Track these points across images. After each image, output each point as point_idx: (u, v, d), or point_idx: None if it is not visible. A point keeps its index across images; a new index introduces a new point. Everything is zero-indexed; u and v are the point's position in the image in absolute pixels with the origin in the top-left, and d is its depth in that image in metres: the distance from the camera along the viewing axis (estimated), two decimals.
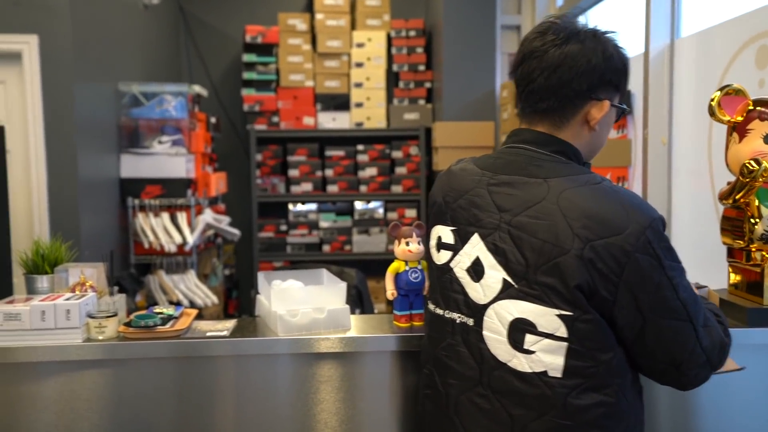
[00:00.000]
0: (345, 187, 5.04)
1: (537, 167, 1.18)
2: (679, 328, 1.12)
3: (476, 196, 1.21)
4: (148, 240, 3.58)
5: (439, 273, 1.26)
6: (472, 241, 1.19)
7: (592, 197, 1.11)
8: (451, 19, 4.50)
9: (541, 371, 1.11)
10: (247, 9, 5.28)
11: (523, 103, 1.24)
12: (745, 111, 1.49)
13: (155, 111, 3.73)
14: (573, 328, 1.09)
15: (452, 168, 1.33)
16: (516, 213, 1.14)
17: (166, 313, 1.50)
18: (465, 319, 1.19)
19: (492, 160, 1.25)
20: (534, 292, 1.10)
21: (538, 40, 1.20)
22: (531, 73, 1.20)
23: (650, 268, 1.09)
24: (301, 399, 1.47)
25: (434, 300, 1.28)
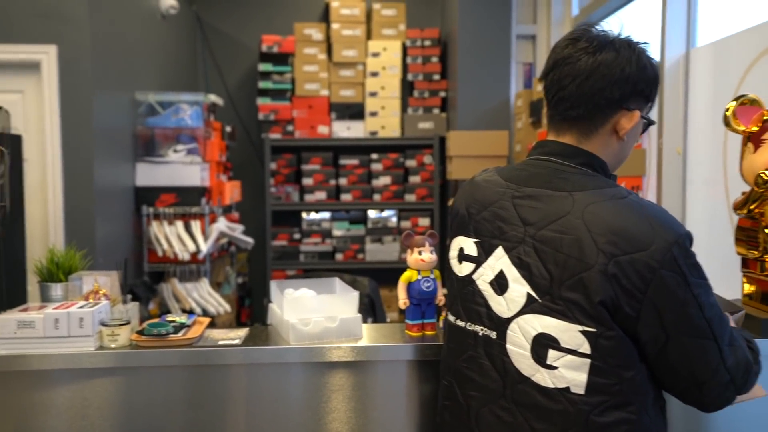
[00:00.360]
0: (358, 195, 5.04)
1: (562, 180, 1.17)
2: (704, 346, 1.10)
3: (501, 209, 1.20)
4: (162, 248, 3.61)
5: (461, 285, 1.24)
6: (497, 254, 1.18)
7: (618, 212, 1.10)
8: (466, 29, 4.51)
9: (563, 387, 1.10)
10: (263, 18, 5.33)
11: (552, 111, 1.23)
12: (761, 121, 1.48)
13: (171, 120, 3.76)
14: (596, 345, 1.08)
15: (476, 179, 1.32)
16: (541, 227, 1.13)
17: (178, 321, 1.51)
18: (488, 332, 1.18)
19: (517, 171, 1.24)
20: (557, 307, 1.09)
21: (570, 48, 1.19)
22: (562, 80, 1.19)
23: (675, 285, 1.07)
24: (312, 408, 1.47)
25: (455, 311, 1.26)
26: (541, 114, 3.76)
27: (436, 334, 1.51)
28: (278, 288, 1.60)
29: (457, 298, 1.25)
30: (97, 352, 1.42)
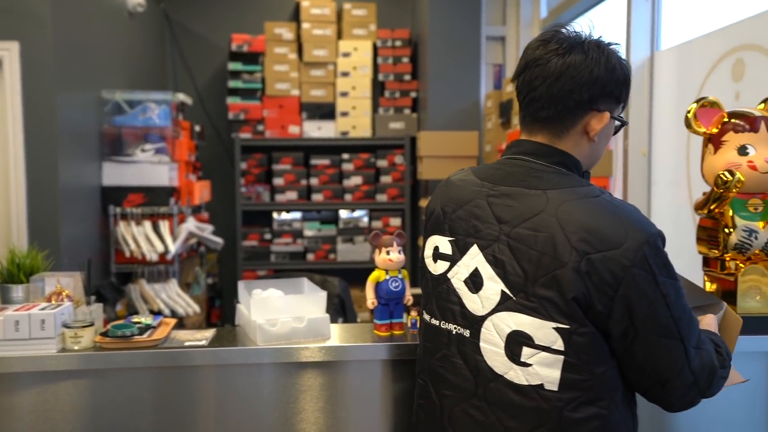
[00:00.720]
0: (330, 195, 5.04)
1: (536, 178, 1.17)
2: (669, 345, 1.11)
3: (476, 207, 1.20)
4: (130, 249, 3.56)
5: (435, 283, 1.25)
6: (471, 252, 1.18)
7: (591, 210, 1.11)
8: (436, 30, 4.53)
9: (537, 384, 1.11)
10: (233, 18, 5.28)
11: (524, 111, 1.24)
12: (720, 123, 1.51)
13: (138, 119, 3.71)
14: (569, 342, 1.09)
15: (452, 178, 1.32)
16: (515, 225, 1.14)
17: (144, 322, 1.49)
18: (461, 330, 1.19)
19: (492, 171, 1.25)
20: (532, 304, 1.10)
21: (541, 49, 1.20)
22: (533, 81, 1.20)
23: (646, 283, 1.08)
24: (280, 409, 1.46)
25: (429, 310, 1.27)
26: (510, 115, 3.80)
27: (404, 333, 1.52)
28: (246, 288, 1.59)
29: (432, 297, 1.26)
30: (60, 355, 1.39)
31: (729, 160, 1.47)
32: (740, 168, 1.44)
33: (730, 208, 1.48)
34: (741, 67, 1.97)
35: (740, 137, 1.47)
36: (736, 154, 1.47)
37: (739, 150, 1.47)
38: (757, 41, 1.90)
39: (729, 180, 1.40)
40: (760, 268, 1.46)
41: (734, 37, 2.00)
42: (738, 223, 1.47)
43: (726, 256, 1.51)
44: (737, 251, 1.48)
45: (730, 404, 1.49)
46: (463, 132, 4.39)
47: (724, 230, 1.49)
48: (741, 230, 1.47)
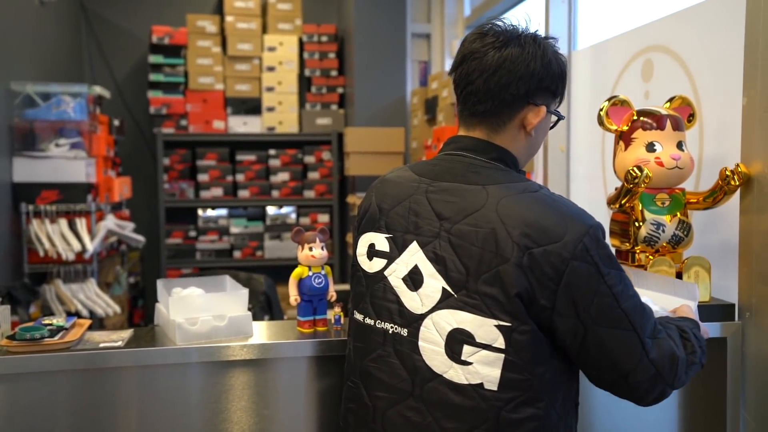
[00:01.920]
0: (256, 192, 4.97)
1: (475, 174, 1.17)
2: (622, 337, 1.10)
3: (415, 203, 1.18)
4: (44, 248, 3.39)
5: (370, 281, 1.22)
6: (411, 249, 1.16)
7: (530, 205, 1.11)
8: (361, 26, 4.53)
9: (477, 383, 1.09)
10: (153, 9, 5.12)
11: (461, 105, 1.23)
12: (630, 121, 1.58)
13: (52, 112, 3.54)
14: (510, 340, 1.08)
15: (388, 176, 1.30)
16: (456, 221, 1.12)
17: (55, 324, 1.42)
18: (398, 329, 1.16)
19: (430, 167, 1.24)
20: (473, 301, 1.09)
21: (477, 42, 1.19)
22: (470, 75, 1.19)
23: (588, 275, 1.08)
24: (201, 409, 1.43)
25: (362, 309, 1.23)
26: (436, 111, 3.85)
27: (328, 329, 1.51)
28: (165, 287, 1.55)
29: (365, 296, 1.22)
30: None
31: (638, 156, 1.54)
32: (648, 164, 1.51)
33: (639, 203, 1.55)
34: (650, 68, 2.06)
35: (648, 135, 1.54)
36: (644, 151, 1.54)
37: (647, 147, 1.54)
38: (664, 43, 1.99)
39: (638, 176, 1.46)
40: (667, 259, 1.54)
41: (644, 38, 2.10)
42: (647, 216, 1.55)
43: (636, 249, 1.58)
44: (646, 244, 1.55)
45: None
46: (389, 128, 4.42)
47: (635, 224, 1.56)
48: (650, 224, 1.54)
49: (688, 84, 1.87)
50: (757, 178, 1.51)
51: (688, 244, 1.59)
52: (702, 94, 1.83)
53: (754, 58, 1.52)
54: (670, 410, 1.60)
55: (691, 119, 1.63)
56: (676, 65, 1.93)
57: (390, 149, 4.35)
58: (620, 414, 1.57)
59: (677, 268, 1.55)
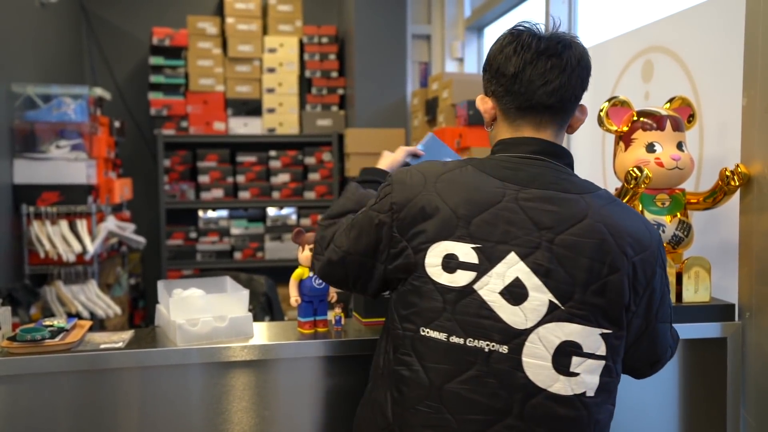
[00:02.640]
0: (257, 193, 4.97)
1: (567, 182, 1.15)
2: (665, 330, 1.19)
3: (506, 211, 1.11)
4: (44, 249, 3.40)
5: (452, 296, 1.11)
6: (508, 260, 1.09)
7: (623, 214, 1.14)
8: (362, 27, 4.54)
9: (581, 392, 1.09)
10: (154, 11, 5.12)
11: (533, 103, 1.18)
12: (630, 121, 1.58)
13: (53, 114, 3.54)
14: (609, 345, 1.10)
15: (446, 174, 1.17)
16: (559, 231, 1.09)
17: (56, 325, 1.43)
18: (497, 346, 1.08)
19: (511, 171, 1.16)
20: (581, 312, 1.08)
21: (543, 42, 1.18)
22: (549, 72, 1.16)
23: (662, 279, 1.15)
24: (202, 410, 1.43)
25: (440, 327, 1.11)
26: (436, 112, 3.85)
27: (328, 330, 1.51)
28: (166, 288, 1.55)
29: (444, 312, 1.11)
30: None
31: (638, 157, 1.54)
32: (648, 165, 1.52)
33: (639, 203, 1.55)
34: (650, 68, 2.06)
35: (648, 135, 1.54)
36: (644, 152, 1.54)
37: (647, 147, 1.54)
38: (663, 43, 2.00)
39: (638, 176, 1.46)
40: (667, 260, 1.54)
41: (644, 39, 2.10)
42: (647, 217, 1.55)
43: None
44: None
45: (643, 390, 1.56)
46: (390, 129, 4.42)
47: None
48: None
49: (688, 84, 1.87)
50: (757, 178, 1.51)
51: (688, 245, 1.59)
52: (702, 94, 1.83)
53: (754, 58, 1.52)
54: (671, 409, 1.60)
55: (691, 120, 1.63)
56: (676, 66, 1.93)
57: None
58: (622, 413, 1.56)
59: (677, 269, 1.55)
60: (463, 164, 1.20)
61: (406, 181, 1.19)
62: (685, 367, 1.58)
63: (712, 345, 1.56)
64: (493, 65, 1.22)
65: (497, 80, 1.21)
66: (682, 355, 1.58)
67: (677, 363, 1.59)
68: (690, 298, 1.54)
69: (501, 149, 1.22)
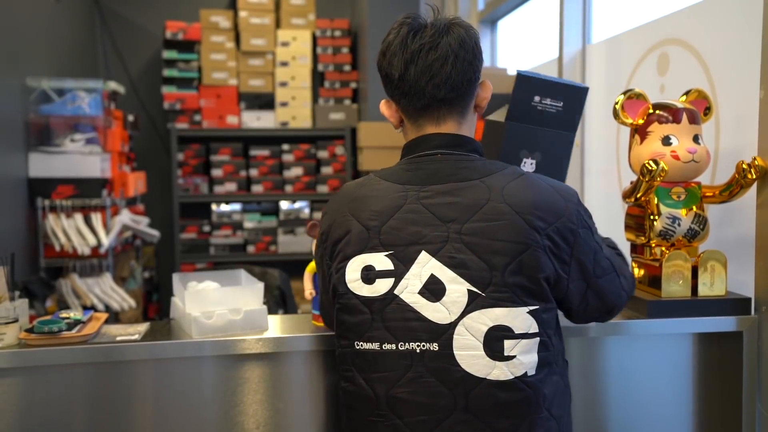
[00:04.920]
0: (270, 187, 4.98)
1: (466, 169, 1.16)
2: (611, 281, 1.21)
3: (410, 213, 1.13)
4: (60, 242, 3.43)
5: (377, 306, 1.13)
6: (421, 260, 1.11)
7: (530, 187, 1.14)
8: (375, 20, 4.52)
9: (521, 374, 1.10)
10: (167, 4, 5.14)
11: (424, 101, 1.19)
12: (646, 114, 1.57)
13: (67, 108, 3.57)
14: (540, 321, 1.12)
15: (356, 192, 1.22)
16: (464, 220, 1.11)
17: (73, 318, 1.44)
18: (427, 345, 1.10)
19: (410, 173, 1.19)
20: (504, 295, 1.09)
21: (419, 37, 1.17)
22: (430, 68, 1.16)
23: (588, 238, 1.16)
24: (217, 402, 1.44)
25: (371, 338, 1.14)
26: None
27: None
28: (181, 281, 1.56)
29: (373, 322, 1.14)
30: None
31: (654, 150, 1.53)
32: (664, 158, 1.50)
33: (655, 197, 1.54)
34: (666, 61, 2.04)
35: (664, 128, 1.53)
36: (660, 145, 1.53)
37: (663, 140, 1.53)
38: (679, 36, 1.98)
39: (654, 169, 1.45)
40: (682, 253, 1.53)
41: (659, 31, 2.08)
42: (662, 210, 1.54)
43: (652, 243, 1.57)
44: (662, 237, 1.54)
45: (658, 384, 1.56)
46: None
47: (650, 217, 1.55)
48: (665, 217, 1.53)
49: (704, 77, 1.85)
50: None
51: (704, 238, 1.58)
52: (718, 87, 1.81)
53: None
54: (686, 404, 1.59)
55: (707, 112, 1.61)
56: (692, 58, 1.91)
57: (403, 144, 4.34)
58: (635, 408, 1.56)
59: (693, 262, 1.54)
60: (367, 177, 1.26)
61: (328, 211, 1.26)
62: (701, 361, 1.58)
63: (727, 339, 1.55)
64: (382, 70, 1.23)
65: (389, 85, 1.23)
66: (697, 349, 1.57)
67: (692, 357, 1.58)
68: (705, 292, 1.53)
69: (405, 152, 1.26)
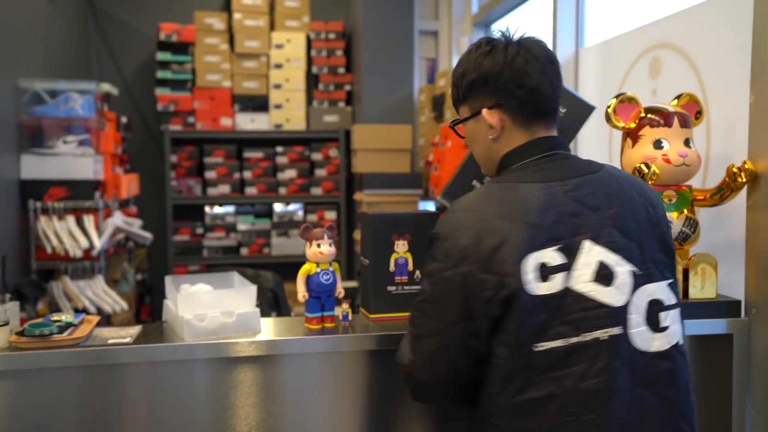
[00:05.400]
0: (264, 189, 4.98)
1: (587, 164, 1.25)
2: None
3: (563, 206, 1.16)
4: (52, 245, 3.41)
5: (555, 303, 1.12)
6: (585, 249, 1.14)
7: (630, 177, 1.28)
8: (369, 23, 4.53)
9: (675, 343, 1.18)
10: (161, 6, 5.13)
11: (546, 108, 1.27)
12: (638, 118, 1.58)
13: (60, 109, 3.55)
14: (675, 293, 1.21)
15: (501, 196, 1.20)
16: (608, 207, 1.18)
17: (64, 320, 1.44)
18: (611, 330, 1.13)
19: (544, 172, 1.22)
20: (652, 271, 1.17)
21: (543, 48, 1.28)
22: (555, 78, 1.27)
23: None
24: (209, 405, 1.44)
25: (555, 335, 1.11)
26: (443, 108, 3.84)
27: (335, 326, 1.52)
28: (173, 284, 1.56)
29: (554, 320, 1.12)
30: None
31: (645, 153, 1.54)
32: (655, 161, 1.51)
33: None
34: (658, 65, 2.05)
35: (656, 132, 1.54)
36: (651, 148, 1.54)
37: (654, 144, 1.54)
38: (671, 40, 1.99)
39: (645, 173, 1.46)
40: None
41: (651, 36, 2.09)
42: None
43: None
44: None
45: None
46: (397, 125, 4.42)
47: None
48: None
49: (696, 81, 1.87)
50: (764, 175, 1.50)
51: (695, 241, 1.58)
52: (709, 91, 1.82)
53: (762, 55, 1.51)
54: None
55: (698, 116, 1.62)
56: (683, 62, 1.92)
57: (397, 146, 4.35)
58: None
59: (684, 265, 1.55)
60: (491, 187, 1.24)
61: (461, 225, 1.17)
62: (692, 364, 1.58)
63: (718, 341, 1.56)
64: (503, 78, 1.25)
65: (508, 93, 1.25)
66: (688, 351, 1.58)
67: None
68: (696, 295, 1.54)
69: (514, 158, 1.27)
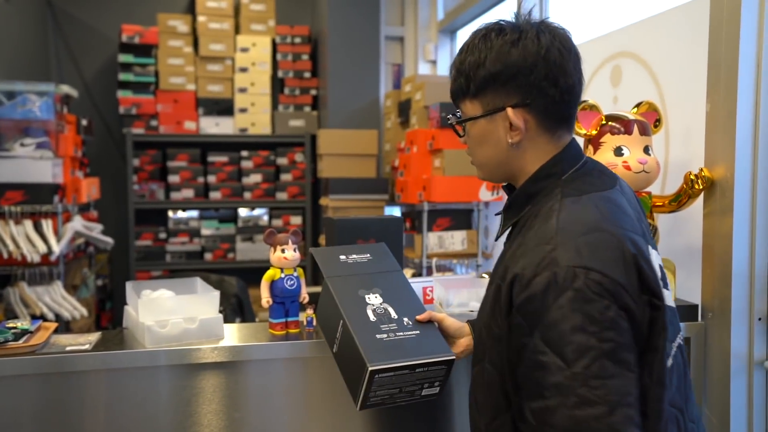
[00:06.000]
0: (228, 193, 4.93)
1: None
2: None
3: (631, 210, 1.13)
4: (8, 249, 3.32)
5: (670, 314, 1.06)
6: (652, 253, 1.09)
7: None
8: (336, 28, 4.53)
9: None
10: (123, 7, 5.05)
11: (575, 108, 1.12)
12: (599, 125, 1.61)
13: (17, 111, 3.46)
14: None
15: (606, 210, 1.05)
16: (637, 211, 1.15)
17: (20, 327, 1.40)
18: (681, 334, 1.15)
19: (599, 180, 1.11)
20: None
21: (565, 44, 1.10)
22: (580, 76, 1.10)
23: None
24: (171, 412, 1.42)
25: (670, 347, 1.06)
26: (409, 114, 3.86)
27: (300, 331, 1.51)
28: (134, 289, 1.53)
29: (666, 332, 1.03)
30: None
31: (607, 160, 1.57)
32: (616, 168, 1.54)
33: None
34: (618, 73, 2.10)
35: (616, 139, 1.57)
36: (612, 155, 1.57)
37: (615, 151, 1.57)
38: (632, 49, 2.03)
39: None
40: None
41: (613, 44, 2.13)
42: None
43: None
44: None
45: None
46: (363, 130, 4.42)
47: None
48: None
49: (655, 90, 1.91)
50: (720, 182, 1.55)
51: None
52: (668, 99, 1.87)
53: (718, 65, 1.55)
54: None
55: (657, 124, 1.66)
56: (643, 71, 1.97)
57: (363, 151, 4.35)
58: None
59: None
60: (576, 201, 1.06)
61: (606, 259, 0.98)
62: None
63: None
64: (537, 73, 1.05)
65: (540, 90, 1.06)
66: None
67: None
68: None
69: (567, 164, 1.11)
